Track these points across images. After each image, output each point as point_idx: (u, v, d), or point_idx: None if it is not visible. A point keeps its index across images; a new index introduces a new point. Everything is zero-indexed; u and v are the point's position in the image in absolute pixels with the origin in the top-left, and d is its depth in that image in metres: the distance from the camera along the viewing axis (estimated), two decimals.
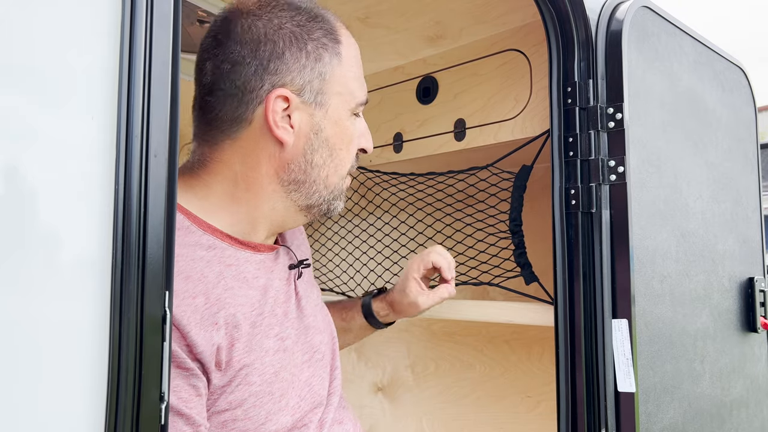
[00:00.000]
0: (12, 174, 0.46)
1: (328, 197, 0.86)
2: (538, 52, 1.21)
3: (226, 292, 0.76)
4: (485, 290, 1.57)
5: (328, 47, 0.82)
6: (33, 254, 0.46)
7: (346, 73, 0.84)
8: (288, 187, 0.82)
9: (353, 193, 1.66)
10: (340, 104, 0.83)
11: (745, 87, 1.42)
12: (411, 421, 1.74)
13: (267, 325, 0.80)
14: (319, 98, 0.81)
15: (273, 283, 0.84)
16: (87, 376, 0.48)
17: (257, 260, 0.83)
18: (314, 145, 0.82)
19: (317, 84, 0.81)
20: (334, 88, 0.82)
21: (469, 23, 1.27)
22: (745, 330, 1.31)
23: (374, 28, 1.31)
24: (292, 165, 0.81)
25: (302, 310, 0.89)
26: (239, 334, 0.76)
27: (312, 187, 0.83)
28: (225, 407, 0.74)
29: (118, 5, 0.51)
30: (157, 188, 0.52)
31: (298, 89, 0.79)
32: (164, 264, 0.52)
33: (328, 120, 0.82)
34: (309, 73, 0.80)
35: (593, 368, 0.98)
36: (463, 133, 1.33)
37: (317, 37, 0.81)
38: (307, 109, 0.80)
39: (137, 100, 0.51)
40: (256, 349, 0.77)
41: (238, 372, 0.75)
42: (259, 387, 0.77)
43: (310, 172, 0.82)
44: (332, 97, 0.82)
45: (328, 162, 0.83)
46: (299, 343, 0.86)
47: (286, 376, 0.81)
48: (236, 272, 0.79)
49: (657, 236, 1.05)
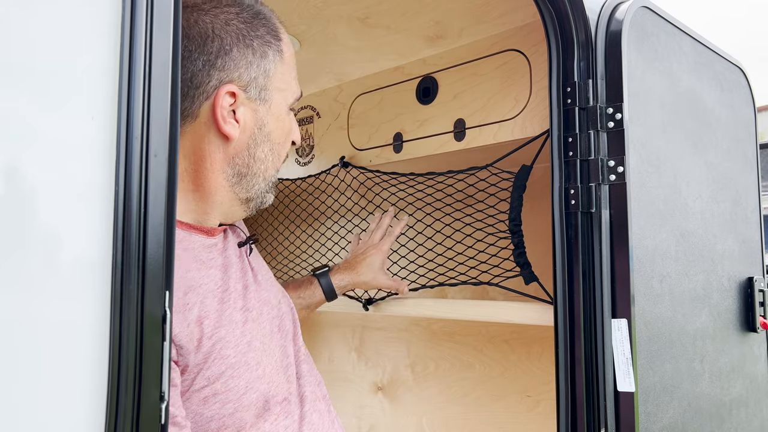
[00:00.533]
0: (12, 174, 0.46)
1: (264, 189, 0.88)
2: (537, 52, 1.21)
3: (188, 274, 0.79)
4: (485, 290, 1.57)
5: (271, 44, 0.84)
6: (33, 254, 0.46)
7: (286, 70, 0.86)
8: (231, 180, 0.84)
9: (353, 193, 1.67)
10: (281, 100, 0.86)
11: (744, 87, 1.42)
12: (411, 420, 1.74)
13: (233, 299, 0.83)
14: (263, 94, 0.83)
15: (230, 260, 0.87)
16: (87, 376, 0.48)
17: (210, 244, 0.85)
18: (258, 140, 0.84)
19: (262, 80, 0.83)
20: (276, 85, 0.85)
21: (469, 23, 1.27)
22: (745, 330, 1.31)
23: (374, 28, 1.31)
24: (236, 159, 0.83)
25: (259, 283, 0.91)
26: (208, 311, 0.78)
27: (253, 180, 0.86)
28: (204, 384, 0.76)
29: (118, 5, 0.51)
30: (157, 188, 0.52)
31: (245, 85, 0.81)
32: (164, 264, 0.52)
33: (271, 115, 0.85)
34: (255, 70, 0.82)
35: (593, 368, 0.98)
36: (463, 133, 1.33)
37: (262, 35, 0.83)
38: (251, 105, 0.82)
39: (137, 100, 0.51)
40: (226, 323, 0.80)
41: (212, 347, 0.77)
42: (234, 358, 0.79)
43: (253, 165, 0.85)
44: (274, 93, 0.85)
45: (270, 156, 0.86)
46: (263, 314, 0.88)
47: (257, 345, 0.83)
48: (193, 256, 0.82)
49: (656, 236, 1.05)
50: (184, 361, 0.74)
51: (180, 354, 0.74)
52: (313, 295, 1.26)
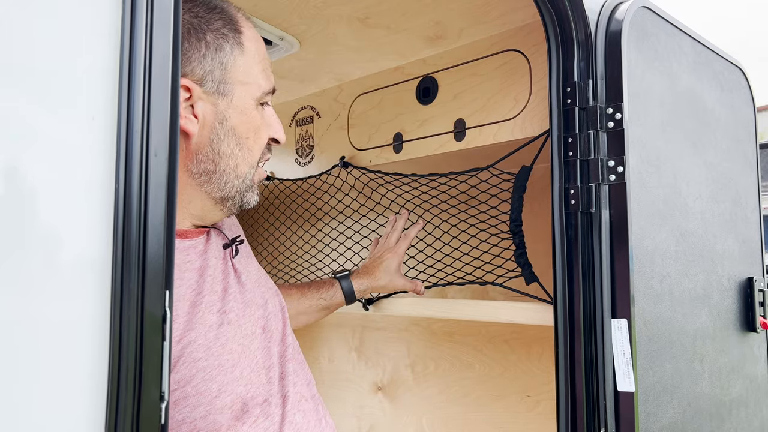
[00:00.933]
0: (12, 174, 0.46)
1: (240, 187, 0.86)
2: (537, 52, 1.21)
3: None
4: (485, 290, 1.57)
5: (228, 37, 0.82)
6: (33, 254, 0.46)
7: (249, 63, 0.84)
8: (199, 179, 0.83)
9: (355, 193, 1.67)
10: (245, 93, 0.84)
11: (744, 87, 1.42)
12: (411, 420, 1.74)
13: (207, 303, 0.82)
14: (221, 87, 0.82)
15: (209, 262, 0.86)
16: (87, 375, 0.48)
17: (185, 246, 0.84)
18: (220, 135, 0.82)
19: (219, 73, 0.81)
20: (237, 78, 0.83)
21: (469, 23, 1.27)
22: (745, 330, 1.31)
23: (374, 28, 1.32)
24: (199, 155, 0.82)
25: (243, 285, 0.90)
26: (176, 315, 0.77)
27: (223, 177, 0.84)
28: (173, 387, 0.75)
29: (119, 5, 0.51)
30: (158, 188, 0.52)
31: (199, 79, 0.80)
32: (164, 264, 0.52)
33: (233, 109, 0.83)
34: (209, 63, 0.80)
35: (593, 368, 0.98)
36: (463, 133, 1.33)
37: (216, 28, 0.82)
38: (210, 99, 0.81)
39: (137, 100, 0.51)
40: (197, 326, 0.79)
41: (181, 351, 0.76)
42: (206, 362, 0.78)
43: (219, 161, 0.83)
44: (236, 86, 0.83)
45: (236, 151, 0.84)
46: (245, 316, 0.87)
47: (234, 347, 0.82)
48: None
49: (656, 236, 1.05)
50: None
51: None
52: (333, 297, 1.27)
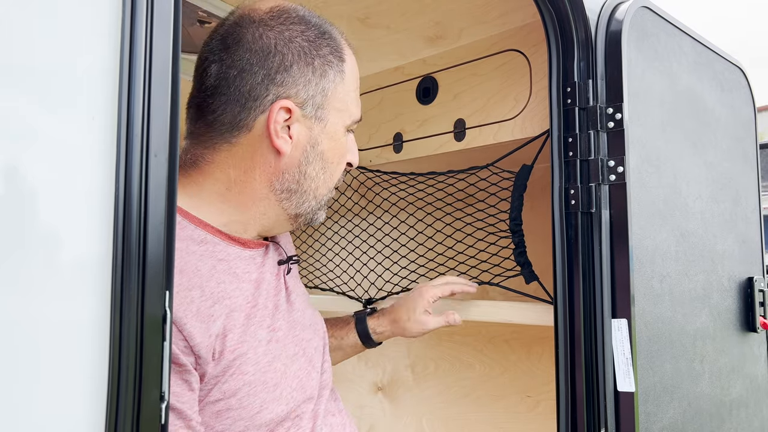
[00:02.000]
0: (12, 174, 0.46)
1: (315, 207, 0.88)
2: (537, 52, 1.21)
3: (219, 286, 0.78)
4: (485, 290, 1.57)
5: (333, 64, 0.84)
6: (33, 254, 0.46)
7: (346, 91, 0.87)
8: (280, 195, 0.84)
9: (353, 193, 1.67)
10: (338, 120, 0.86)
11: (744, 87, 1.42)
12: (411, 420, 1.74)
13: (260, 317, 0.82)
14: (319, 113, 0.83)
15: (265, 276, 0.86)
16: (87, 375, 0.48)
17: (247, 256, 0.85)
18: (309, 158, 0.84)
19: (319, 99, 0.83)
20: (335, 105, 0.85)
21: (469, 23, 1.27)
22: (745, 330, 1.31)
23: (374, 28, 1.32)
24: (286, 174, 0.83)
25: (292, 304, 0.91)
26: (233, 324, 0.77)
27: (302, 197, 0.86)
28: (219, 397, 0.75)
29: (119, 5, 0.51)
30: (158, 188, 0.52)
31: (301, 102, 0.81)
32: (164, 264, 0.52)
33: (326, 134, 0.85)
34: (313, 88, 0.82)
35: (593, 368, 0.98)
36: (463, 133, 1.33)
37: (324, 54, 0.83)
38: (306, 122, 0.83)
39: (137, 100, 0.51)
40: (249, 340, 0.79)
41: (232, 362, 0.76)
42: (253, 376, 0.78)
43: (303, 182, 0.85)
44: (331, 112, 0.85)
45: (321, 174, 0.86)
46: (290, 335, 0.87)
47: (279, 366, 0.82)
48: (227, 267, 0.81)
49: (656, 236, 1.05)
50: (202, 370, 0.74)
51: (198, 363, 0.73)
52: (347, 337, 1.17)
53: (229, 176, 0.82)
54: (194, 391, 0.73)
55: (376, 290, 1.50)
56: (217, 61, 0.81)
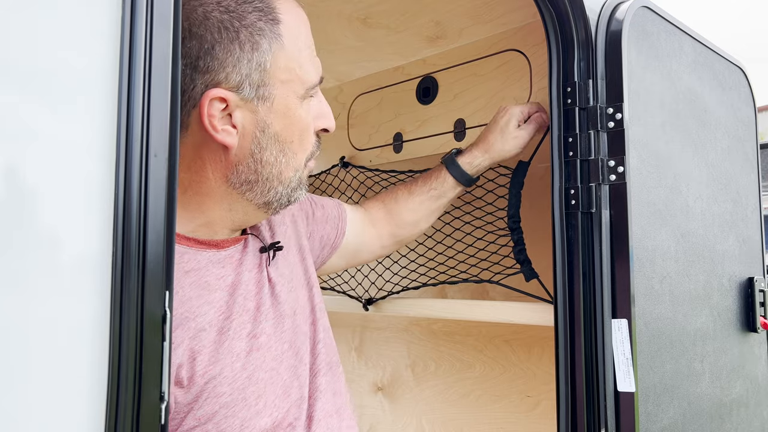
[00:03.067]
0: (12, 174, 0.46)
1: (285, 191, 0.79)
2: (537, 52, 1.21)
3: (183, 306, 0.71)
4: (485, 290, 1.57)
5: (264, 32, 0.72)
6: (33, 254, 0.46)
7: (290, 57, 0.74)
8: (240, 188, 0.76)
9: (353, 193, 1.67)
10: (287, 93, 0.75)
11: (744, 87, 1.42)
12: (411, 420, 1.74)
13: (237, 326, 0.75)
14: (261, 92, 0.72)
15: (242, 276, 0.79)
16: (87, 375, 0.48)
17: (222, 257, 0.78)
18: (262, 144, 0.74)
19: (257, 76, 0.72)
20: (278, 77, 0.73)
21: (469, 23, 1.27)
22: (745, 330, 1.31)
23: (374, 28, 1.31)
24: (240, 166, 0.75)
25: (276, 297, 0.83)
26: (201, 345, 0.71)
27: (266, 185, 0.77)
28: (194, 424, 0.70)
29: (118, 5, 0.51)
30: (157, 188, 0.52)
31: (236, 86, 0.71)
32: (164, 264, 0.52)
33: (275, 114, 0.74)
34: (246, 66, 0.71)
35: (593, 368, 0.98)
36: (463, 133, 1.33)
37: (251, 22, 0.71)
38: (248, 106, 0.72)
39: (137, 100, 0.51)
40: (224, 357, 0.72)
41: (205, 386, 0.70)
42: (230, 396, 0.72)
43: (261, 170, 0.76)
44: (276, 87, 0.73)
45: (280, 158, 0.76)
46: (276, 334, 0.81)
47: (262, 376, 0.76)
48: (196, 279, 0.74)
49: (657, 236, 1.05)
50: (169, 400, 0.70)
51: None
52: (444, 183, 1.12)
53: (182, 180, 0.74)
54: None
55: (377, 290, 1.50)
56: None
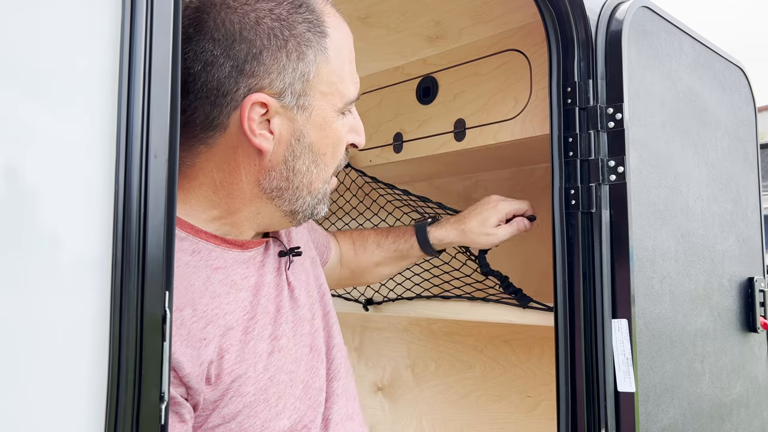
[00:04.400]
0: (12, 174, 0.46)
1: (312, 202, 0.81)
2: (538, 52, 1.21)
3: (214, 301, 0.72)
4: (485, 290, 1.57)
5: (312, 43, 0.73)
6: (33, 254, 0.46)
7: (333, 71, 0.76)
8: (270, 194, 0.77)
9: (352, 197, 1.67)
10: (326, 106, 0.76)
11: (744, 87, 1.42)
12: (411, 421, 1.74)
13: (260, 327, 0.77)
14: (301, 101, 0.74)
15: (264, 278, 0.81)
16: (87, 375, 0.48)
17: (246, 258, 0.80)
18: (296, 152, 0.76)
19: (299, 86, 0.73)
20: (319, 89, 0.75)
21: (469, 23, 1.27)
22: (745, 330, 1.31)
23: (374, 28, 1.31)
24: (272, 172, 0.76)
25: (296, 300, 0.85)
26: (230, 344, 0.72)
27: (295, 194, 0.78)
28: (218, 422, 0.71)
29: (118, 5, 0.51)
30: (158, 188, 0.52)
31: (278, 92, 0.72)
32: (164, 264, 0.52)
33: (312, 124, 0.76)
34: (290, 75, 0.72)
35: (593, 368, 0.98)
36: (463, 133, 1.33)
37: (300, 33, 0.72)
38: (287, 114, 0.74)
39: (137, 100, 0.51)
40: (248, 357, 0.74)
41: (231, 384, 0.71)
42: (253, 396, 0.73)
43: (293, 179, 0.77)
44: (316, 98, 0.75)
45: (312, 168, 0.78)
46: (296, 336, 0.82)
47: (282, 377, 0.78)
48: (224, 276, 0.75)
49: (657, 236, 1.05)
50: (194, 400, 0.69)
51: (189, 394, 0.68)
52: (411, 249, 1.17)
53: (214, 179, 0.75)
54: (186, 422, 0.68)
55: (373, 292, 1.50)
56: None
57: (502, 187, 1.54)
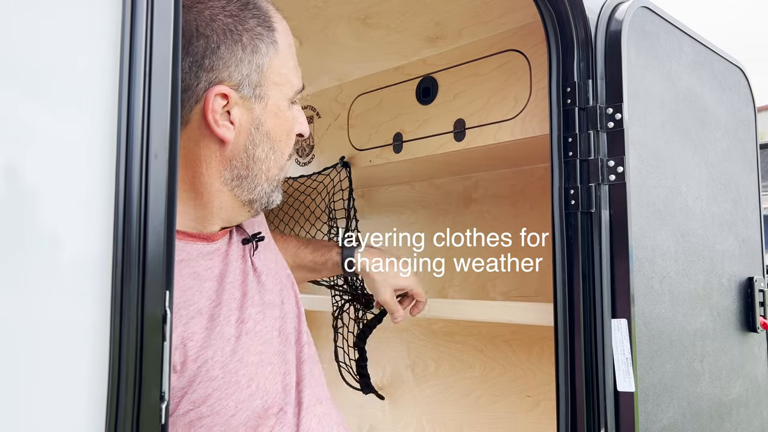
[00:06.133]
0: (12, 174, 0.46)
1: (268, 190, 0.84)
2: (537, 52, 1.21)
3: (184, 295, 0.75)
4: (485, 290, 1.57)
5: (263, 37, 0.78)
6: (33, 254, 0.46)
7: (282, 62, 0.81)
8: (231, 184, 0.81)
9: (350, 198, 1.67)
10: (279, 95, 0.81)
11: (744, 87, 1.42)
12: (411, 421, 1.74)
13: (226, 312, 0.79)
14: (257, 91, 0.78)
15: (230, 266, 0.83)
16: (87, 375, 0.48)
17: (211, 250, 0.82)
18: (255, 140, 0.80)
19: (255, 77, 0.78)
20: (272, 79, 0.80)
21: (469, 23, 1.27)
22: (745, 330, 1.31)
23: (374, 28, 1.31)
24: (233, 161, 0.80)
25: (263, 285, 0.87)
26: (192, 331, 0.74)
27: (254, 182, 0.82)
28: (188, 408, 0.73)
29: (118, 5, 0.51)
30: (158, 188, 0.52)
31: (236, 84, 0.76)
32: (164, 264, 0.52)
33: (268, 113, 0.80)
34: (246, 67, 0.77)
35: (593, 368, 0.98)
36: (463, 133, 1.33)
37: (251, 27, 0.77)
38: (245, 104, 0.78)
39: (137, 100, 0.51)
40: (215, 342, 0.76)
41: (198, 370, 0.73)
42: (222, 380, 0.75)
43: (252, 166, 0.81)
44: (270, 88, 0.80)
45: (270, 155, 0.82)
46: (263, 321, 0.84)
47: (251, 359, 0.80)
48: (188, 270, 0.78)
49: (656, 236, 1.05)
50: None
51: None
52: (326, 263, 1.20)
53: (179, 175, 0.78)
54: None
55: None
56: None
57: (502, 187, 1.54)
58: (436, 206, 1.66)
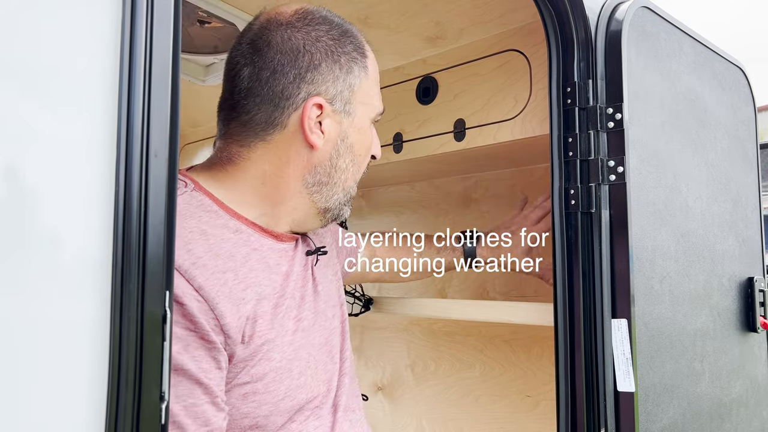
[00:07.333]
0: (12, 174, 0.46)
1: (342, 200, 0.93)
2: (538, 52, 1.21)
3: (251, 273, 0.82)
4: (485, 290, 1.58)
5: (357, 61, 0.89)
6: (33, 254, 0.46)
7: (370, 85, 0.92)
8: (311, 189, 0.89)
9: None
10: (364, 114, 0.91)
11: (744, 87, 1.42)
12: (411, 421, 1.74)
13: (287, 307, 0.86)
14: (347, 107, 0.88)
15: (294, 268, 0.90)
16: (87, 375, 0.48)
17: (279, 249, 0.89)
18: (340, 151, 0.89)
19: (347, 94, 0.88)
20: (360, 99, 0.90)
21: (469, 23, 1.27)
22: (745, 330, 1.31)
23: (374, 28, 1.31)
24: (318, 167, 0.88)
25: (318, 294, 0.94)
26: (263, 311, 0.81)
27: (332, 190, 0.90)
28: (247, 380, 0.79)
29: (119, 5, 0.51)
30: (158, 188, 0.52)
31: (331, 98, 0.86)
32: (165, 264, 0.52)
33: (354, 128, 0.90)
34: (341, 84, 0.87)
35: (593, 368, 0.98)
36: (463, 133, 1.33)
37: (348, 51, 0.88)
38: (336, 117, 0.87)
39: (137, 100, 0.51)
40: (277, 327, 0.82)
41: (260, 347, 0.79)
42: (279, 363, 0.82)
43: (334, 174, 0.89)
44: (358, 106, 0.90)
45: (350, 166, 0.91)
46: (315, 326, 0.91)
47: (303, 355, 0.86)
48: (260, 257, 0.85)
49: (656, 236, 1.05)
50: (231, 350, 0.77)
51: (227, 343, 0.76)
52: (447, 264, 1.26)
53: (265, 172, 0.86)
54: (222, 370, 0.76)
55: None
56: (249, 64, 0.84)
57: (502, 187, 1.54)
58: (436, 206, 1.66)
